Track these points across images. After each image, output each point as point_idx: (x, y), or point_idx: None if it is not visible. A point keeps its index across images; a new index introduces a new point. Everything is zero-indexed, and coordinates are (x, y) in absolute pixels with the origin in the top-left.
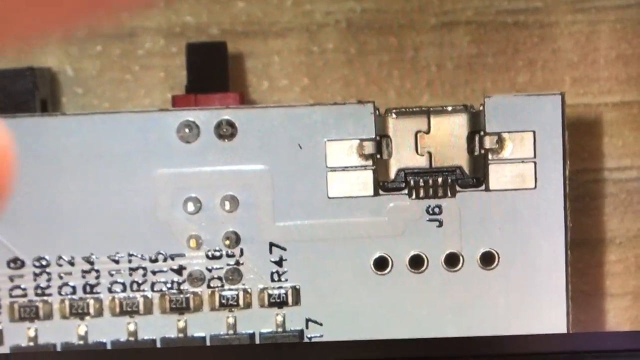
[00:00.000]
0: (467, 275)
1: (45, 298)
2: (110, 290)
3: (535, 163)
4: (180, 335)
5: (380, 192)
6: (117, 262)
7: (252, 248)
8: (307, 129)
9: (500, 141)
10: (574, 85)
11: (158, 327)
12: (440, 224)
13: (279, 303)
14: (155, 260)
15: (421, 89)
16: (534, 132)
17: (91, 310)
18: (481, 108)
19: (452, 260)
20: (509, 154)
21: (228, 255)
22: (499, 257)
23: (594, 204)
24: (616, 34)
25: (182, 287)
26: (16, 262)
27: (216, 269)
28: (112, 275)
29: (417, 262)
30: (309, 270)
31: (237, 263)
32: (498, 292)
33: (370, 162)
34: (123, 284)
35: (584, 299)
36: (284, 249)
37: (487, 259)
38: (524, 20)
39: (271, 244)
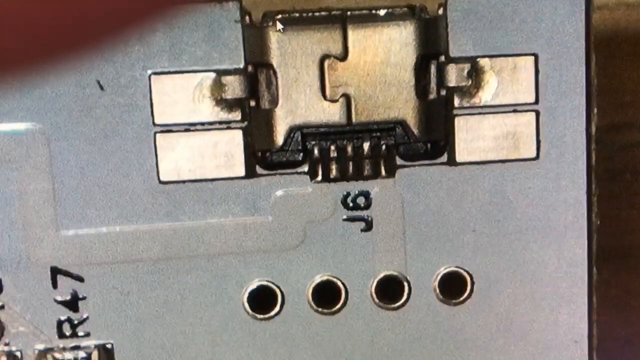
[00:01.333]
0: (418, 314)
1: None
2: None
3: (537, 114)
4: None
5: (259, 170)
6: None
7: (18, 279)
8: (113, 55)
9: (476, 73)
10: None
11: None
12: (369, 227)
13: None
14: None
15: None
16: (536, 57)
17: None
18: (440, 12)
19: (390, 290)
20: (490, 97)
21: None
22: (472, 283)
23: None
24: None
25: None
26: None
27: None
28: None
29: (328, 295)
30: (128, 318)
31: None
32: (472, 343)
33: (237, 115)
34: None
35: (621, 350)
36: (80, 280)
37: (453, 286)
38: None
39: (54, 270)
